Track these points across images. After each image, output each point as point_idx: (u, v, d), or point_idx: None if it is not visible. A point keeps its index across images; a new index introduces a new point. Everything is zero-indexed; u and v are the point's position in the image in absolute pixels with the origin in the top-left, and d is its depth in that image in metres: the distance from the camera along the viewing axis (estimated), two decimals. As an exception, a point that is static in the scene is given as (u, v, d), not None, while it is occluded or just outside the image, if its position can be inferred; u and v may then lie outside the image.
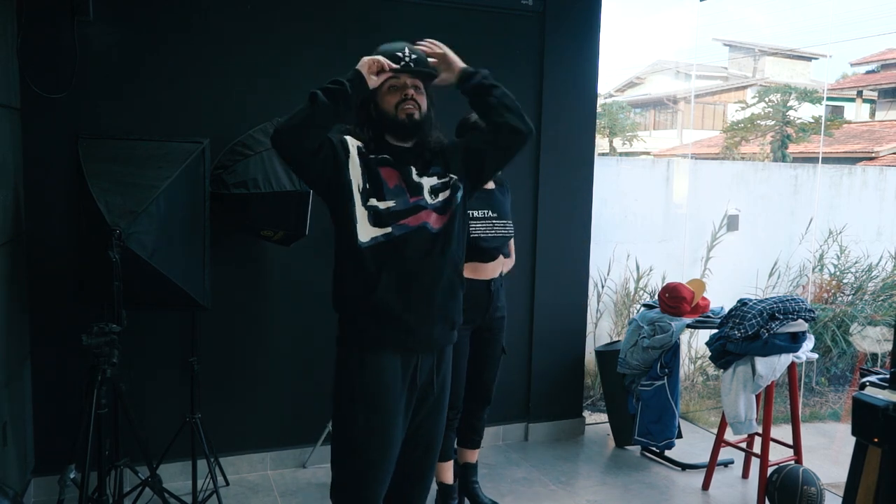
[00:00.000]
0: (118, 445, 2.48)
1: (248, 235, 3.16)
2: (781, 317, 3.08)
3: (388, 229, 1.93)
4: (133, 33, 3.03)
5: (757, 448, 3.32)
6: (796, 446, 3.28)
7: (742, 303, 3.21)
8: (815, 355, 3.29)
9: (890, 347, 5.16)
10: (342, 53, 3.29)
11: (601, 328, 4.89)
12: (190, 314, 2.95)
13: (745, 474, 3.51)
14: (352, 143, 1.97)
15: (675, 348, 3.51)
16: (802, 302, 3.17)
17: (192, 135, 2.77)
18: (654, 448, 3.61)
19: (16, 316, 2.81)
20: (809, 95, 13.16)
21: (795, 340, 3.12)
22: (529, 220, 3.77)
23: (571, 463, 3.66)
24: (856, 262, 5.85)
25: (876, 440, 2.35)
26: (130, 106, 3.05)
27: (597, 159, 3.97)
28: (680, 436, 3.67)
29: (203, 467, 3.04)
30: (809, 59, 17.06)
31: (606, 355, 3.93)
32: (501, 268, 2.85)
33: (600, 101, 8.09)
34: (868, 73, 17.20)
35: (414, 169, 1.99)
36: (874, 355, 5.53)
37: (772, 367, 3.09)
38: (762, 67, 17.69)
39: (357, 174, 1.93)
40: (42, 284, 2.99)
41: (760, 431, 3.20)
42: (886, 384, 2.42)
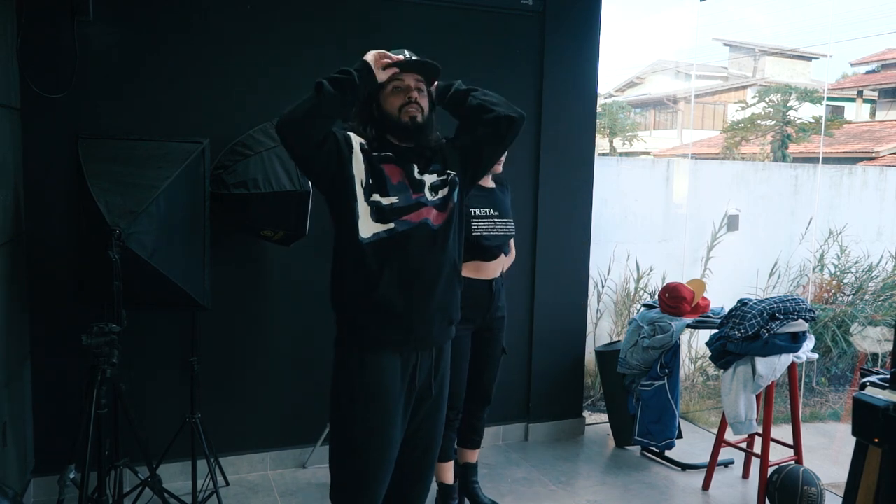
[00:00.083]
0: (118, 445, 2.47)
1: (248, 235, 3.16)
2: (782, 317, 3.08)
3: (391, 225, 1.93)
4: (133, 33, 3.04)
5: (757, 448, 3.32)
6: (796, 446, 3.28)
7: (742, 303, 3.21)
8: (816, 355, 3.29)
9: (890, 347, 5.16)
10: (342, 53, 3.30)
11: (601, 328, 4.89)
12: (190, 314, 2.95)
13: (746, 474, 3.51)
14: (355, 138, 1.98)
15: (675, 348, 3.51)
16: (803, 302, 3.17)
17: (192, 135, 2.77)
18: (654, 448, 3.61)
19: (16, 316, 2.81)
20: (810, 95, 13.16)
21: (796, 340, 3.12)
22: (529, 220, 3.77)
23: (571, 463, 3.66)
24: (856, 262, 5.85)
25: (876, 440, 2.35)
26: (130, 106, 3.05)
27: (597, 159, 3.97)
28: (680, 436, 3.67)
29: (203, 467, 3.04)
30: (809, 59, 17.07)
31: (606, 355, 3.93)
32: (503, 267, 2.85)
33: (600, 101, 8.08)
34: (868, 73, 17.20)
35: (416, 167, 2.00)
36: (874, 355, 5.53)
37: (772, 368, 3.09)
38: (762, 67, 17.69)
39: (360, 170, 1.94)
40: (42, 284, 2.99)
41: (760, 431, 3.19)
42: (887, 384, 2.42)
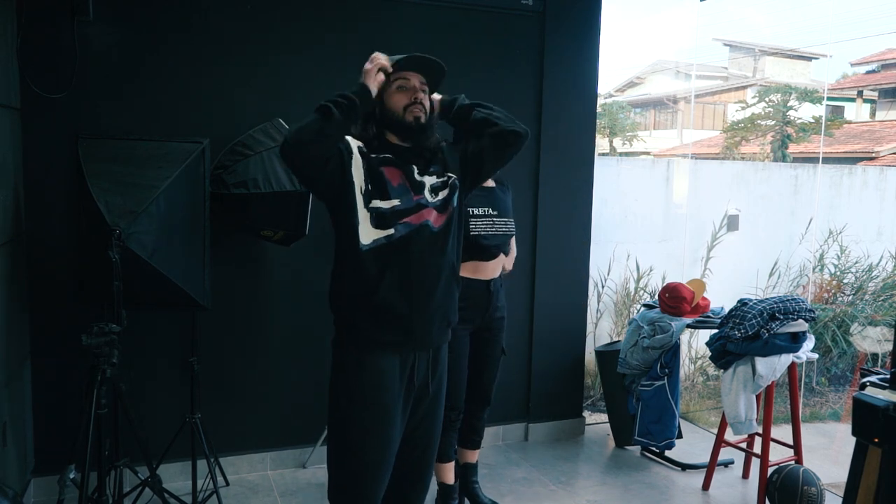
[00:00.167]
0: (118, 445, 2.47)
1: (248, 235, 3.16)
2: (782, 317, 3.08)
3: (390, 231, 1.93)
4: (133, 33, 3.04)
5: (757, 448, 3.32)
6: (796, 446, 3.28)
7: (742, 303, 3.21)
8: (816, 355, 3.29)
9: (890, 347, 5.15)
10: (342, 53, 3.30)
11: (601, 328, 4.89)
12: (190, 314, 2.95)
13: (746, 474, 3.51)
14: (352, 142, 1.98)
15: (675, 348, 3.51)
16: (803, 302, 3.17)
17: (192, 135, 2.77)
18: (654, 448, 3.60)
19: (16, 316, 2.81)
20: (810, 95, 13.16)
21: (796, 340, 3.12)
22: (529, 220, 3.77)
23: (571, 463, 3.66)
24: (856, 262, 5.85)
25: (876, 440, 2.35)
26: (130, 106, 3.05)
27: (597, 159, 3.97)
28: (680, 436, 3.67)
29: (203, 467, 3.04)
30: (809, 59, 17.08)
31: (606, 355, 3.93)
32: (502, 267, 2.84)
33: (600, 101, 8.08)
34: (868, 73, 17.20)
35: (416, 168, 2.00)
36: (874, 355, 5.53)
37: (772, 367, 3.09)
38: (762, 67, 17.69)
39: (359, 175, 1.94)
40: (42, 284, 2.99)
41: (760, 431, 3.19)
42: (887, 384, 2.41)
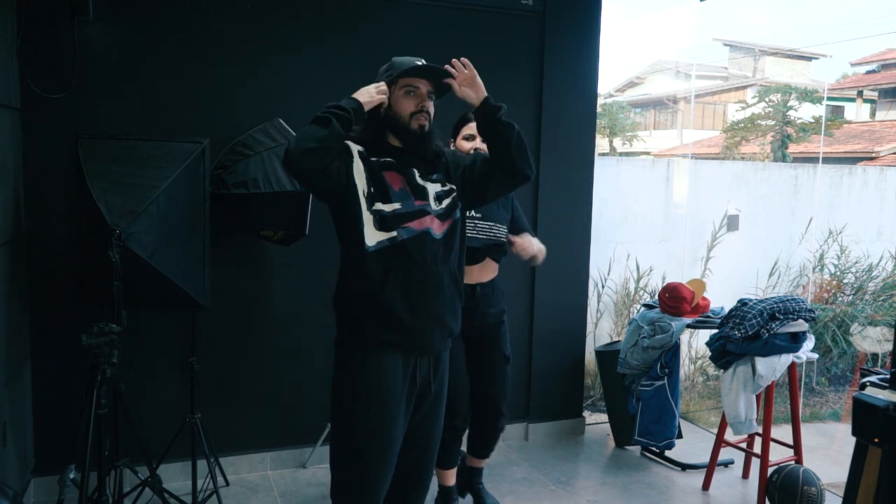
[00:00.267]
0: (118, 445, 2.47)
1: (248, 235, 3.16)
2: (782, 317, 3.08)
3: (394, 233, 1.94)
4: (133, 33, 3.04)
5: (757, 448, 3.32)
6: (796, 446, 3.28)
7: (742, 303, 3.21)
8: (816, 355, 3.29)
9: (890, 347, 5.16)
10: (342, 53, 3.30)
11: (601, 328, 4.89)
12: (190, 314, 2.95)
13: (746, 474, 3.51)
14: (352, 146, 1.98)
15: (675, 348, 3.51)
16: (803, 302, 3.17)
17: (192, 135, 2.76)
18: (654, 448, 3.60)
19: (16, 316, 2.81)
20: (809, 95, 13.17)
21: (796, 340, 3.12)
22: (529, 220, 3.74)
23: (571, 463, 3.66)
24: (856, 262, 5.85)
25: (876, 440, 2.35)
26: (130, 106, 3.05)
27: (597, 159, 3.97)
28: (680, 436, 3.67)
29: (203, 467, 3.04)
30: (809, 59, 17.08)
31: (606, 355, 3.93)
32: (493, 273, 2.75)
33: (600, 101, 8.09)
34: (868, 73, 17.21)
35: (416, 171, 2.00)
36: (874, 355, 5.53)
37: (772, 367, 3.09)
38: (762, 67, 17.69)
39: (361, 179, 1.95)
40: (42, 284, 2.99)
41: (760, 431, 3.19)
42: (887, 384, 2.41)
